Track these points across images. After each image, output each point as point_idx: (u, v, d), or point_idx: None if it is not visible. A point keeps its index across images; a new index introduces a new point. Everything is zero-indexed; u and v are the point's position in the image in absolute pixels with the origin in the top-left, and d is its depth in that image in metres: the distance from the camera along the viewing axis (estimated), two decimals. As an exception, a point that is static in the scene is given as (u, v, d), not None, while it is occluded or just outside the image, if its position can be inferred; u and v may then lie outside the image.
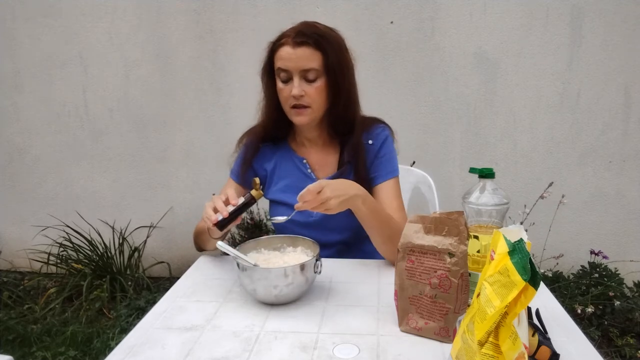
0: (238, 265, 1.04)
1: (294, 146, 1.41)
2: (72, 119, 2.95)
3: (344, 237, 1.37)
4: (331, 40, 1.25)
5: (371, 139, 1.36)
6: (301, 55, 1.22)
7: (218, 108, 2.85)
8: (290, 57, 1.22)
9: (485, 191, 0.98)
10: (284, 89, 1.26)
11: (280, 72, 1.25)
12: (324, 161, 1.39)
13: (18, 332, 2.36)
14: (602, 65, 2.55)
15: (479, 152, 2.72)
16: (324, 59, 1.23)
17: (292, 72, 1.23)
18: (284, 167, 1.40)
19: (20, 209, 3.10)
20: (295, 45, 1.22)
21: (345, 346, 0.90)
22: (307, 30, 1.23)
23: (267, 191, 1.42)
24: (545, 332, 0.89)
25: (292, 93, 1.24)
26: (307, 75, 1.23)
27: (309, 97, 1.25)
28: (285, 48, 1.23)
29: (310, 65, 1.22)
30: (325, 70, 1.24)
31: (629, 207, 2.68)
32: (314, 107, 1.27)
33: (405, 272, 0.93)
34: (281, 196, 1.37)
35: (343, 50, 1.28)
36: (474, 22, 2.58)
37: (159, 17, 2.76)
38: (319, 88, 1.25)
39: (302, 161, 1.39)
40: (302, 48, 1.22)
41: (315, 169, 1.39)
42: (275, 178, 1.41)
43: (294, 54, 1.22)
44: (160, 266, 3.02)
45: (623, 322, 2.23)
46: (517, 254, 0.68)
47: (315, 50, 1.23)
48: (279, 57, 1.25)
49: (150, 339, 0.94)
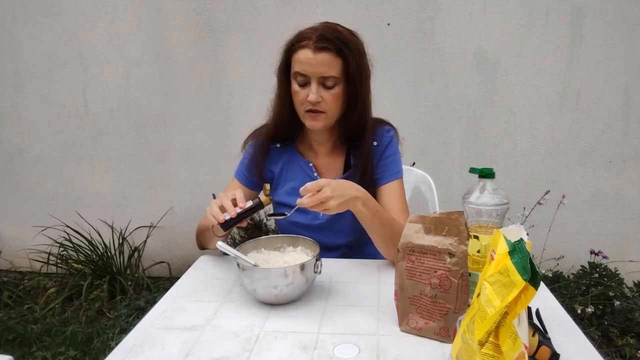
0: (238, 265, 1.04)
1: (302, 149, 1.40)
2: (72, 119, 2.95)
3: (348, 240, 1.36)
4: (352, 46, 1.21)
5: (376, 141, 1.34)
6: (321, 61, 1.18)
7: (218, 108, 2.85)
8: (310, 62, 1.18)
9: (485, 191, 0.98)
10: (300, 92, 1.23)
11: (298, 76, 1.22)
12: (330, 165, 1.38)
13: (18, 332, 2.36)
14: (602, 65, 2.55)
15: (479, 152, 2.72)
16: (344, 67, 1.20)
17: (311, 77, 1.20)
18: (291, 170, 1.39)
19: (20, 209, 3.10)
20: (316, 50, 1.17)
21: (345, 346, 0.90)
22: (329, 35, 1.18)
23: (273, 193, 1.41)
24: (545, 332, 0.89)
25: (309, 99, 1.20)
26: (325, 82, 1.20)
27: (325, 104, 1.22)
28: (306, 52, 1.18)
29: (330, 73, 1.19)
30: (344, 77, 1.21)
31: (629, 207, 2.68)
32: (329, 113, 1.24)
33: (405, 272, 0.93)
34: (287, 199, 1.36)
35: (363, 56, 1.25)
36: (474, 22, 2.58)
37: (159, 17, 2.76)
38: (336, 95, 1.22)
39: (309, 165, 1.38)
40: (323, 54, 1.17)
41: (322, 173, 1.38)
42: (282, 181, 1.40)
43: (314, 59, 1.18)
44: (160, 266, 3.02)
45: (623, 322, 2.23)
46: (517, 254, 0.68)
47: (336, 57, 1.19)
48: (298, 60, 1.20)
49: (150, 339, 0.94)
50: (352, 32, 1.25)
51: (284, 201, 1.37)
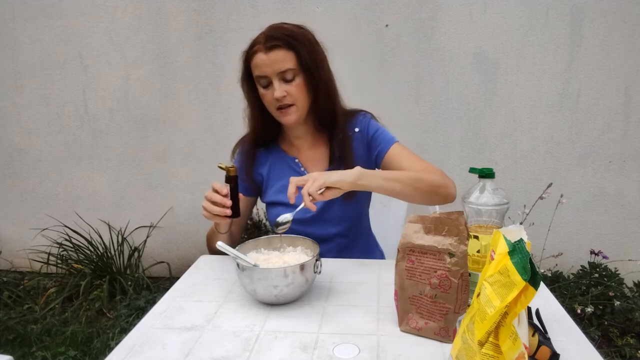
0: (238, 266, 1.04)
1: (285, 147, 1.44)
2: (72, 118, 2.95)
3: (342, 229, 1.39)
4: (301, 38, 1.27)
5: (357, 127, 1.39)
6: (274, 59, 1.24)
7: (218, 108, 2.85)
8: (265, 63, 1.24)
9: (485, 191, 0.98)
10: (266, 94, 1.29)
11: (260, 79, 1.28)
12: (315, 157, 1.41)
13: (18, 332, 2.36)
14: (602, 65, 2.55)
15: (479, 152, 2.72)
16: (297, 58, 1.26)
17: (271, 76, 1.26)
18: (278, 169, 1.43)
19: (20, 209, 3.10)
20: (267, 50, 1.24)
21: (345, 346, 0.90)
22: (276, 33, 1.25)
23: (264, 195, 1.46)
24: (545, 332, 0.89)
25: (274, 96, 1.26)
26: (285, 76, 1.26)
27: (291, 96, 1.28)
28: (259, 55, 1.25)
29: (286, 66, 1.25)
30: (300, 68, 1.27)
31: (629, 207, 2.68)
32: (298, 104, 1.29)
33: (405, 272, 0.93)
34: (277, 197, 1.40)
35: (314, 44, 1.30)
36: (474, 22, 2.58)
37: (159, 17, 2.76)
38: (299, 86, 1.28)
39: (294, 160, 1.42)
40: (275, 51, 1.24)
41: (308, 166, 1.41)
42: (271, 181, 1.44)
43: (267, 59, 1.24)
44: (160, 266, 3.02)
45: (623, 322, 2.23)
46: (517, 254, 0.68)
47: (287, 51, 1.25)
48: (255, 65, 1.27)
49: (150, 339, 0.94)
50: (298, 25, 1.31)
51: (276, 200, 1.40)
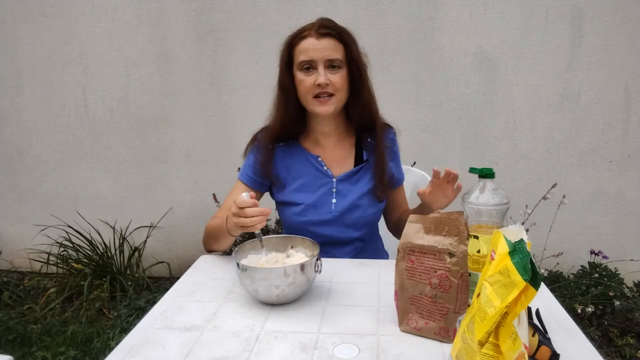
0: (238, 266, 1.04)
1: (307, 145, 1.41)
2: (72, 118, 2.95)
3: (362, 234, 1.38)
4: (350, 35, 1.31)
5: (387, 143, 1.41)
6: (326, 45, 1.26)
7: (218, 108, 2.85)
8: (315, 48, 1.26)
9: (485, 191, 0.98)
10: (306, 79, 1.28)
11: (304, 64, 1.28)
12: (339, 157, 1.41)
13: (18, 332, 2.36)
14: (602, 65, 2.55)
15: (479, 152, 2.72)
16: (346, 51, 1.28)
17: (317, 62, 1.26)
18: (298, 167, 1.40)
19: (20, 209, 3.10)
20: (319, 36, 1.26)
21: (345, 346, 0.90)
22: (329, 24, 1.29)
23: (281, 193, 1.40)
24: (545, 332, 0.89)
25: (317, 81, 1.26)
26: (332, 64, 1.27)
27: (333, 86, 1.28)
28: (309, 40, 1.27)
29: (335, 56, 1.27)
30: (347, 61, 1.29)
31: (629, 207, 2.68)
32: (338, 96, 1.30)
33: (405, 272, 0.93)
34: (294, 196, 1.37)
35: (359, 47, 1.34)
36: (474, 22, 2.58)
37: (159, 17, 2.76)
38: (343, 77, 1.29)
39: (317, 159, 1.39)
40: (327, 39, 1.27)
41: (331, 166, 1.39)
42: (290, 179, 1.40)
43: (318, 44, 1.26)
44: (160, 266, 3.02)
45: (623, 322, 2.23)
46: (517, 254, 0.68)
47: (338, 43, 1.28)
48: (303, 49, 1.28)
49: (150, 339, 0.94)
50: None
51: (291, 199, 1.37)
